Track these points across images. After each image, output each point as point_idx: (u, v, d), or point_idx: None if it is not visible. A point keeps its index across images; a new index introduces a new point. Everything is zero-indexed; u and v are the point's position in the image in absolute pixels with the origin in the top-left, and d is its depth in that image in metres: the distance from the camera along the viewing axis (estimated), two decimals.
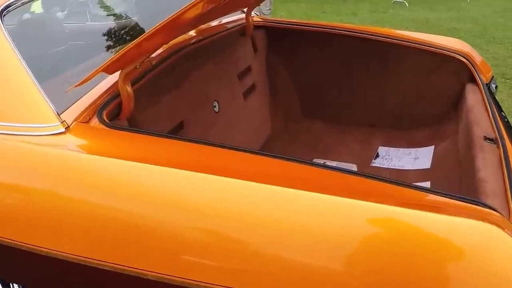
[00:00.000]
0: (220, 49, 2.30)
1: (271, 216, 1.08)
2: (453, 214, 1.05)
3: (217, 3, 1.64)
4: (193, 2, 1.41)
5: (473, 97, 2.18)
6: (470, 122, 1.94)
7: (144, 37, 1.36)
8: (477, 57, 2.45)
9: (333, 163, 2.30)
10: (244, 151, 1.31)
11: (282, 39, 2.72)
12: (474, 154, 1.69)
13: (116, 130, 1.41)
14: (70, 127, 1.36)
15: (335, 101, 2.74)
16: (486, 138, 1.76)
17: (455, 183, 1.89)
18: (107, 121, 1.42)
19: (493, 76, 2.45)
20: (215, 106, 2.13)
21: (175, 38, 1.91)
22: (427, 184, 2.13)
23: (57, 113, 1.37)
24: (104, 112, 1.45)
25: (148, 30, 1.37)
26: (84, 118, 1.42)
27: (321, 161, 2.31)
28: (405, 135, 2.60)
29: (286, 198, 1.10)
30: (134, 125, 1.56)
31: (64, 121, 1.36)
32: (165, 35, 1.60)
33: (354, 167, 2.27)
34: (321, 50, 2.66)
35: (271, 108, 2.78)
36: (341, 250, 1.01)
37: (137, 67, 1.53)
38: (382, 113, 2.67)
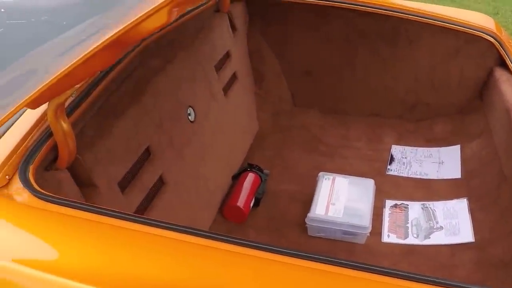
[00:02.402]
0: (190, 36, 1.77)
1: None
2: None
3: None
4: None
5: (509, 89, 1.78)
6: None
7: (84, 58, 0.89)
8: (504, 34, 2.02)
9: (345, 179, 1.87)
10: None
11: (266, 14, 2.20)
12: None
13: (48, 203, 0.97)
14: None
15: (334, 89, 2.29)
16: None
17: (510, 212, 1.51)
18: (33, 184, 1.00)
19: None
20: (189, 114, 1.63)
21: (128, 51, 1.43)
22: (462, 202, 1.75)
23: None
24: (30, 168, 1.03)
25: (92, 48, 0.89)
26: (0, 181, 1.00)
27: (330, 176, 1.89)
28: (421, 128, 2.19)
29: None
30: (79, 173, 1.16)
31: None
32: (115, 51, 1.11)
33: (371, 183, 1.85)
34: (316, 28, 2.17)
35: (256, 100, 2.30)
36: None
37: (73, 95, 1.08)
38: (391, 102, 2.24)
